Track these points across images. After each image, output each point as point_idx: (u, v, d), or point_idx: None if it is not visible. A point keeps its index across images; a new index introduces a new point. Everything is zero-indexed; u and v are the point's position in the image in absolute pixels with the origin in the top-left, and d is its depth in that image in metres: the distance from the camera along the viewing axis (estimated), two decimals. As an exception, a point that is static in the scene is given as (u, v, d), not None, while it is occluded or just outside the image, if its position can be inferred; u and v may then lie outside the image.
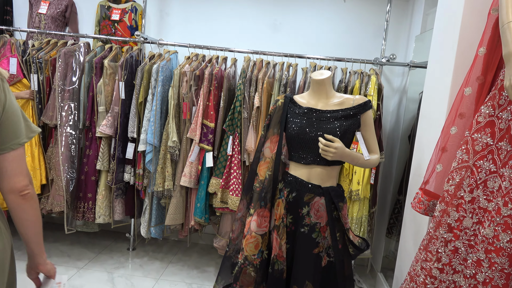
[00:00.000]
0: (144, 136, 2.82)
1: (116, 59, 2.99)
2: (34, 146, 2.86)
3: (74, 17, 3.40)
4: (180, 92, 2.83)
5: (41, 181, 2.86)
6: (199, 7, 3.33)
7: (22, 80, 2.88)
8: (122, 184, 2.96)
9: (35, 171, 2.83)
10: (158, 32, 3.37)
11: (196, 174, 2.84)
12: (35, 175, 2.82)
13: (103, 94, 2.86)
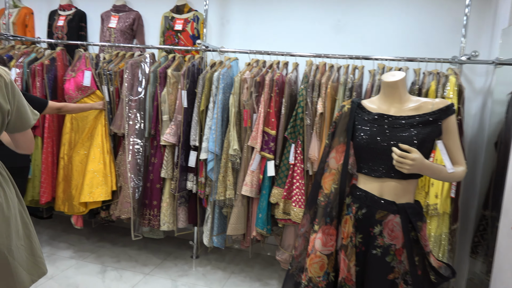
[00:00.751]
0: (206, 144, 2.81)
1: (179, 68, 3.04)
2: (106, 154, 2.99)
3: (140, 29, 3.53)
4: (241, 99, 2.78)
5: (112, 187, 2.98)
6: (259, 13, 3.27)
7: (96, 91, 3.03)
8: (185, 192, 2.98)
9: (106, 177, 2.95)
10: (219, 40, 3.37)
11: (257, 183, 2.76)
12: (106, 181, 2.95)
13: (166, 103, 2.91)
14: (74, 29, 3.62)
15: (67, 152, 3.06)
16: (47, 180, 3.08)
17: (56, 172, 3.12)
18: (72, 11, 3.65)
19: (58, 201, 3.08)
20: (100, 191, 2.90)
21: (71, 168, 3.03)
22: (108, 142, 3.03)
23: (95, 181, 2.90)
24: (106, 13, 3.54)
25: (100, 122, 3.02)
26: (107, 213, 3.08)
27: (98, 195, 2.89)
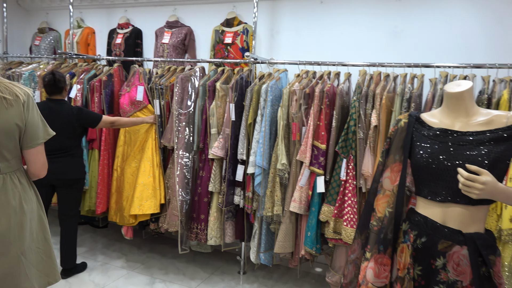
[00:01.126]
0: (253, 158, 2.74)
1: (228, 81, 3.02)
2: (155, 167, 3.04)
3: (192, 44, 3.59)
4: (290, 112, 2.68)
5: (160, 200, 3.01)
6: (310, 22, 3.17)
7: (147, 106, 3.11)
8: (232, 206, 2.93)
9: (155, 191, 2.99)
10: (269, 51, 3.32)
11: (306, 200, 2.63)
12: (155, 194, 2.98)
13: (215, 116, 2.89)
14: (131, 46, 3.77)
15: (120, 164, 3.16)
16: (103, 191, 3.19)
17: (110, 184, 3.23)
18: (129, 29, 3.81)
19: (111, 211, 3.17)
20: (149, 204, 2.94)
21: (123, 180, 3.11)
22: (158, 155, 3.07)
23: (144, 194, 2.95)
24: (160, 29, 3.65)
25: (151, 136, 3.08)
26: (156, 225, 3.12)
27: (147, 208, 2.93)
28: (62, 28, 4.24)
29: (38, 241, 1.61)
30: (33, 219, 1.59)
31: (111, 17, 3.99)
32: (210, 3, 3.50)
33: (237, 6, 3.39)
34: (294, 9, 3.21)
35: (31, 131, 1.53)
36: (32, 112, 1.54)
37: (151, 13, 3.79)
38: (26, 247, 1.54)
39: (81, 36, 4.00)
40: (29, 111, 1.52)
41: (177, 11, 3.65)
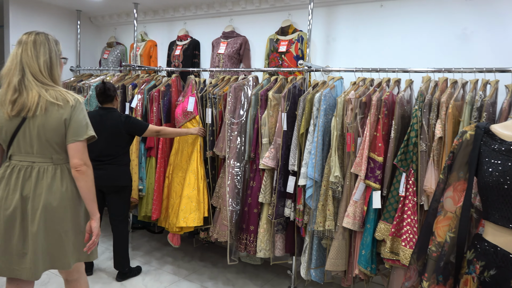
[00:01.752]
0: (305, 169, 2.64)
1: (281, 90, 2.96)
2: (200, 180, 3.08)
3: (247, 53, 3.59)
4: (344, 121, 2.55)
5: (204, 213, 3.04)
6: (369, 28, 3.01)
7: (196, 117, 3.17)
8: (282, 219, 2.84)
9: (199, 204, 3.03)
10: (325, 59, 3.20)
11: (361, 216, 2.46)
12: (199, 207, 3.02)
13: (267, 125, 2.84)
14: (189, 57, 3.88)
15: (171, 172, 3.24)
16: (158, 198, 3.28)
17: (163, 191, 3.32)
18: (188, 40, 3.93)
19: (161, 217, 3.25)
20: (193, 217, 2.98)
21: (171, 188, 3.19)
22: (202, 168, 3.12)
23: (188, 206, 3.00)
24: (217, 40, 3.71)
25: (196, 148, 3.14)
26: (205, 234, 3.12)
27: (191, 221, 2.98)
28: (128, 42, 4.50)
29: (81, 225, 1.86)
30: (76, 206, 1.83)
31: (171, 30, 4.15)
32: (266, 12, 3.48)
33: (293, 14, 3.34)
34: (351, 14, 3.07)
35: (73, 128, 1.74)
36: (78, 113, 1.76)
37: (208, 25, 3.87)
38: (68, 228, 1.79)
39: (144, 49, 4.20)
40: (75, 112, 1.75)
41: (233, 21, 3.69)
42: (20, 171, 1.73)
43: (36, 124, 1.70)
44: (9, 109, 1.69)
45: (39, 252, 1.73)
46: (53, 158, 1.76)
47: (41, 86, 1.71)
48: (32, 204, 1.72)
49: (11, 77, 1.69)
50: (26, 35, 1.76)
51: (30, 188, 1.72)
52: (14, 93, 1.68)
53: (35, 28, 4.06)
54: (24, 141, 1.72)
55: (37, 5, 4.16)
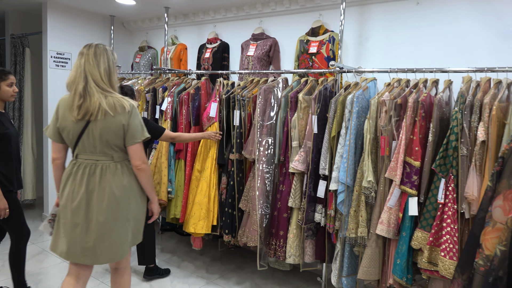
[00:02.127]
0: (336, 173, 2.55)
1: (311, 92, 2.89)
2: (211, 188, 3.11)
3: (276, 55, 3.54)
4: (378, 124, 2.44)
5: (213, 222, 3.09)
6: (404, 26, 2.89)
7: (215, 123, 3.17)
8: (313, 224, 2.76)
9: (209, 212, 3.08)
10: (357, 60, 3.11)
11: (396, 223, 2.35)
12: (208, 215, 3.07)
13: (297, 128, 2.78)
14: (218, 59, 3.88)
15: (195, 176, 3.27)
16: (186, 202, 3.28)
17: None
18: (217, 43, 3.93)
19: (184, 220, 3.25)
20: (202, 224, 3.05)
21: (190, 191, 3.22)
22: (215, 176, 3.14)
23: (198, 213, 3.06)
24: (246, 42, 3.69)
25: (211, 155, 3.16)
26: (229, 237, 3.07)
27: (200, 228, 3.04)
28: (159, 45, 4.56)
29: (139, 213, 2.10)
30: (135, 197, 2.06)
31: (201, 33, 4.17)
32: (296, 13, 3.42)
33: (323, 14, 3.26)
34: (385, 13, 2.96)
35: (131, 132, 1.96)
36: (134, 118, 1.98)
37: (238, 27, 3.86)
38: (130, 216, 2.03)
39: (174, 52, 4.24)
40: (131, 117, 1.96)
41: (263, 23, 3.66)
42: (86, 168, 1.95)
43: (98, 127, 1.91)
44: (75, 113, 1.89)
45: (102, 241, 1.94)
46: (114, 157, 1.98)
47: (101, 92, 1.90)
48: (98, 197, 1.93)
49: (77, 84, 1.89)
50: (87, 47, 1.94)
51: (95, 183, 1.94)
52: (79, 99, 1.88)
53: (71, 34, 4.23)
54: (88, 142, 1.93)
55: (74, 12, 4.29)
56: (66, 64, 4.28)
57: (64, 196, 1.96)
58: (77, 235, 1.93)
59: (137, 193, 2.07)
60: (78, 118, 1.89)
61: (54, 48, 4.16)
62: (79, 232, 1.92)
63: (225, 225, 3.07)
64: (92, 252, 1.94)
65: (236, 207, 3.08)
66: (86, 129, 1.91)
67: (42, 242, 3.73)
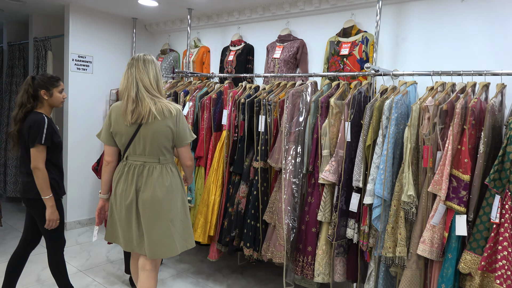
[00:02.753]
0: (371, 186, 2.33)
1: (343, 96, 2.68)
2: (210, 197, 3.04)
3: (304, 57, 3.35)
4: (420, 132, 2.21)
5: (209, 232, 3.02)
6: (446, 26, 2.64)
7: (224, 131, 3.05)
8: (344, 240, 2.54)
9: (206, 222, 3.02)
10: (392, 62, 2.88)
11: (440, 243, 2.10)
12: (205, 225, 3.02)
13: (327, 136, 2.57)
14: (242, 62, 3.71)
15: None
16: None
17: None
18: (241, 45, 3.76)
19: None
20: (199, 233, 3.00)
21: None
22: (218, 188, 3.06)
23: (197, 221, 3.02)
24: (272, 44, 3.51)
25: (213, 166, 3.09)
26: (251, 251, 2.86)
27: (197, 236, 2.99)
28: (181, 48, 4.44)
29: (181, 215, 2.18)
30: (178, 198, 2.17)
31: (225, 35, 4.02)
32: (325, 12, 3.22)
33: (356, 13, 3.05)
34: (425, 11, 2.72)
35: (180, 135, 2.14)
36: (181, 121, 2.14)
37: (263, 28, 3.69)
38: (173, 217, 2.13)
39: (197, 55, 4.11)
40: (179, 121, 2.13)
41: (290, 24, 3.47)
42: (135, 169, 2.10)
43: (149, 131, 2.06)
44: (129, 117, 2.03)
45: (152, 237, 2.07)
46: (160, 159, 2.13)
47: (151, 98, 2.05)
48: (142, 196, 2.08)
49: (129, 91, 2.03)
50: (135, 58, 2.08)
51: (142, 183, 2.09)
52: (132, 104, 2.02)
53: (93, 37, 4.17)
54: (138, 145, 2.09)
55: (96, 14, 4.22)
56: (87, 67, 4.21)
57: (118, 194, 2.13)
58: (132, 229, 2.11)
59: (180, 195, 2.19)
60: (132, 121, 2.03)
61: (76, 51, 4.09)
62: (134, 227, 2.11)
63: (246, 238, 2.88)
64: (143, 245, 2.10)
65: (260, 219, 2.88)
66: (137, 133, 2.06)
67: (59, 249, 3.62)
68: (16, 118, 2.32)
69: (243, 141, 2.99)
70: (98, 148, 4.25)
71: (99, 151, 4.20)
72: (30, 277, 3.06)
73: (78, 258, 3.47)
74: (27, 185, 2.33)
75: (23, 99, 2.33)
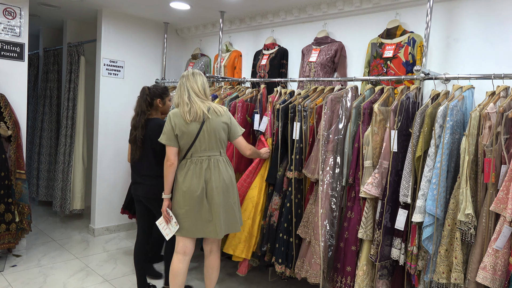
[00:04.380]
0: (422, 202, 2.08)
1: (387, 102, 2.45)
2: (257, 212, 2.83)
3: (343, 61, 3.13)
4: (480, 143, 1.95)
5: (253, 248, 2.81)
6: (507, 24, 2.36)
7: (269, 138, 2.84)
8: (388, 261, 2.29)
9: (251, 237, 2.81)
10: (442, 65, 2.62)
11: (504, 270, 1.83)
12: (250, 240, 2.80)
13: (370, 145, 2.34)
14: (276, 66, 3.54)
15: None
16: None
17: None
18: (275, 49, 3.60)
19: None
20: (242, 248, 2.78)
21: None
22: (263, 199, 2.85)
23: (239, 235, 2.78)
24: (307, 47, 3.32)
25: (261, 173, 2.87)
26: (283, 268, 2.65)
27: (240, 251, 2.78)
28: (213, 53, 4.33)
29: (237, 198, 2.55)
30: (234, 186, 2.53)
31: (258, 39, 3.88)
32: (367, 12, 3.01)
33: (401, 13, 2.81)
34: (481, 8, 2.46)
35: (233, 129, 2.53)
36: (232, 118, 2.55)
37: (298, 31, 3.51)
38: (235, 200, 2.51)
39: (228, 60, 3.98)
40: (231, 118, 2.53)
41: (327, 26, 3.27)
42: (202, 163, 2.41)
43: (210, 128, 2.40)
44: (187, 116, 2.36)
45: (220, 218, 2.40)
46: (221, 152, 2.47)
47: (201, 100, 2.42)
48: (212, 185, 2.40)
49: (183, 96, 2.41)
50: (186, 72, 2.48)
51: (210, 174, 2.40)
52: (187, 106, 2.38)
53: (124, 41, 4.15)
54: (203, 141, 2.41)
55: (128, 19, 4.19)
56: (119, 72, 4.17)
57: (186, 189, 2.39)
58: (202, 217, 2.39)
59: (235, 183, 2.54)
60: (190, 119, 2.36)
61: (107, 56, 4.06)
62: (204, 214, 2.39)
63: (277, 253, 2.68)
64: (214, 227, 2.40)
65: (293, 233, 2.68)
66: (201, 131, 2.38)
67: (86, 257, 3.55)
68: (139, 124, 2.65)
69: (276, 150, 2.80)
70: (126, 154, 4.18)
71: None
72: (57, 285, 2.98)
73: (105, 266, 3.38)
74: (152, 188, 2.66)
75: (143, 107, 2.69)
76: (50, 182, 4.75)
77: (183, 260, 2.48)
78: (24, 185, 3.39)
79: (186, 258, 2.49)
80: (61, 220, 4.60)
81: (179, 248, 2.49)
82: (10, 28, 3.41)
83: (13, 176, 3.30)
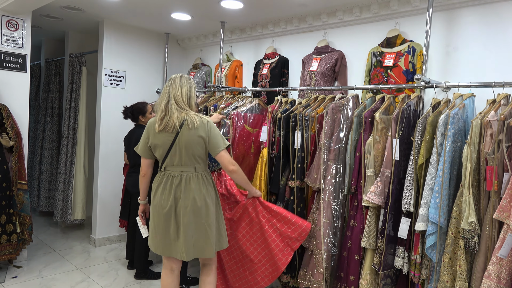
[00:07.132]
0: (425, 211, 2.07)
1: (389, 111, 2.46)
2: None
3: (343, 70, 3.15)
4: (482, 150, 1.95)
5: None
6: (505, 32, 2.38)
7: (265, 148, 2.84)
8: (392, 270, 2.28)
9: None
10: (442, 73, 2.63)
11: (509, 279, 1.82)
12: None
13: (372, 154, 2.34)
14: (276, 76, 3.56)
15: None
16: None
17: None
18: (276, 58, 3.62)
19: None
20: None
21: None
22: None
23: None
24: (308, 56, 3.34)
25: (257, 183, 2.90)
26: (289, 278, 2.65)
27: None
28: (214, 63, 4.35)
29: (215, 219, 2.31)
30: (213, 204, 2.29)
31: (258, 48, 3.90)
32: (366, 22, 3.03)
33: (401, 22, 2.84)
34: (481, 16, 2.48)
35: (213, 143, 2.24)
36: (212, 130, 2.25)
37: (298, 40, 3.53)
38: (210, 222, 2.25)
39: (229, 69, 4.00)
40: (210, 130, 2.24)
41: (327, 35, 3.30)
42: (173, 179, 2.24)
43: (181, 142, 2.20)
44: (157, 125, 2.20)
45: (189, 239, 2.21)
46: (196, 168, 2.26)
47: (178, 110, 2.20)
48: (182, 203, 2.21)
49: (161, 102, 2.22)
50: (175, 75, 2.27)
51: (181, 191, 2.22)
52: (161, 113, 2.21)
53: (126, 52, 4.17)
54: (174, 156, 2.23)
55: (129, 30, 4.22)
56: (120, 82, 4.19)
57: (155, 203, 2.27)
58: (170, 235, 2.24)
59: (214, 201, 2.31)
60: (159, 129, 2.19)
61: (109, 66, 4.09)
62: (171, 233, 2.23)
63: (282, 263, 2.67)
64: (181, 248, 2.22)
65: (296, 242, 2.67)
66: (173, 145, 2.20)
67: (87, 268, 3.53)
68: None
69: (278, 159, 2.81)
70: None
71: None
72: (57, 296, 2.96)
73: (106, 277, 3.35)
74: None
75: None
76: (51, 192, 4.74)
77: (171, 275, 2.36)
78: (26, 195, 3.39)
79: (174, 272, 2.36)
80: (62, 230, 4.58)
81: (165, 264, 2.37)
82: (13, 40, 3.44)
83: (14, 186, 3.29)
